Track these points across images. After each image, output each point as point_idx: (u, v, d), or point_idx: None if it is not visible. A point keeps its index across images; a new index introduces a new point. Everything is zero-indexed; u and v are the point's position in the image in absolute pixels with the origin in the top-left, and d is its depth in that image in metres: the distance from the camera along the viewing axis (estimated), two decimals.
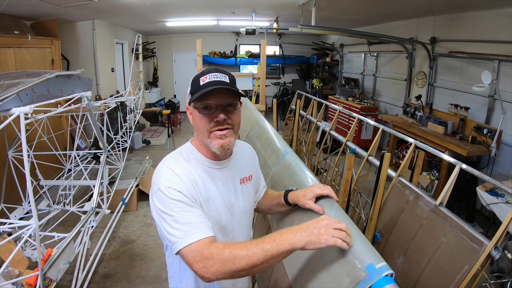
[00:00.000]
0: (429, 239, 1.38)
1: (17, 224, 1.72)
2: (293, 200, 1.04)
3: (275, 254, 0.75)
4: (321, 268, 0.85)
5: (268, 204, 1.16)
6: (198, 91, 0.89)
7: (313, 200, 0.99)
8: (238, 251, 0.76)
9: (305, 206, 0.99)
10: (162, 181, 0.87)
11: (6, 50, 3.55)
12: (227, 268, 0.76)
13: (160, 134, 6.93)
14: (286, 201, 1.06)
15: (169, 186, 0.86)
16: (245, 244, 0.78)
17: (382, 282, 0.69)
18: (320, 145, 3.20)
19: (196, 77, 0.93)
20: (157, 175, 0.91)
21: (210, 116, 0.91)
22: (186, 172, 0.92)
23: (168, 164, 0.93)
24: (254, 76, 4.13)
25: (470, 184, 3.24)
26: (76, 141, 3.35)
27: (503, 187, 1.34)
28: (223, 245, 0.79)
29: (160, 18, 6.18)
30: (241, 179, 1.05)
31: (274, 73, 8.89)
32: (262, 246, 0.76)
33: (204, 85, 0.89)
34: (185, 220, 0.83)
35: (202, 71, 0.95)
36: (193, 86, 0.93)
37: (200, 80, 0.91)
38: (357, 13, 4.94)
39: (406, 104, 4.76)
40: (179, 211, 0.84)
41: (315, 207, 0.96)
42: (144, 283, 2.51)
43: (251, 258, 0.75)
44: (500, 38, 3.41)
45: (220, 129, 0.91)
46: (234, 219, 1.02)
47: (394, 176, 1.75)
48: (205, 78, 0.90)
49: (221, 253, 0.77)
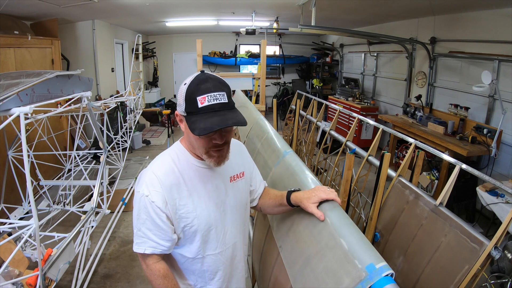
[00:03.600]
0: (429, 239, 1.38)
1: (17, 224, 1.72)
2: (296, 201, 1.02)
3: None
4: (321, 268, 0.85)
5: (271, 204, 1.15)
6: (197, 116, 0.86)
7: (316, 205, 0.97)
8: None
9: (307, 210, 0.98)
10: (142, 187, 0.95)
11: (6, 50, 3.55)
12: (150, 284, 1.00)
13: (160, 134, 6.93)
14: (288, 202, 1.05)
15: (146, 194, 0.93)
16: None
17: (382, 282, 0.69)
18: (320, 145, 3.21)
19: (192, 92, 0.87)
20: (142, 177, 0.97)
21: (208, 138, 0.91)
22: (171, 175, 0.96)
23: (153, 169, 0.97)
24: (254, 76, 4.13)
25: (470, 184, 3.24)
26: (76, 141, 3.35)
27: (503, 187, 1.34)
28: (163, 275, 0.98)
29: (160, 18, 6.18)
30: (231, 177, 1.07)
31: (274, 73, 8.89)
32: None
33: (204, 109, 0.85)
34: (144, 231, 0.96)
35: (196, 84, 0.88)
36: (188, 104, 0.87)
37: (198, 101, 0.85)
38: (357, 13, 4.94)
39: (406, 104, 4.76)
40: (145, 221, 0.95)
41: (317, 213, 0.95)
42: (144, 283, 2.51)
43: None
44: (500, 38, 3.41)
45: (218, 150, 0.93)
46: (226, 216, 1.05)
47: (394, 176, 1.76)
48: (203, 99, 0.85)
49: (154, 277, 0.98)
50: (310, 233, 1.00)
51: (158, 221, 0.94)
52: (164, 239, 0.96)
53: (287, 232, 1.16)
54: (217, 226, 1.03)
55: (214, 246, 1.04)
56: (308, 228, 1.03)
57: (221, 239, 1.05)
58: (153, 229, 0.95)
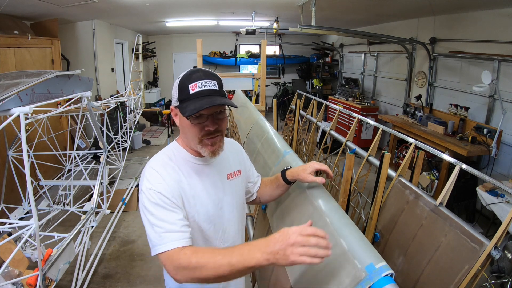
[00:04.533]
0: (429, 239, 1.38)
1: (17, 224, 1.72)
2: (292, 177, 1.08)
3: (241, 269, 0.75)
4: (321, 268, 0.85)
5: (268, 191, 1.19)
6: (189, 101, 0.89)
7: (313, 174, 1.03)
8: (205, 261, 0.78)
9: (306, 180, 1.03)
10: (144, 182, 0.91)
11: (6, 50, 3.55)
12: (195, 275, 0.79)
13: (160, 134, 6.93)
14: (285, 180, 1.09)
15: (149, 187, 0.89)
16: (213, 254, 0.80)
17: (382, 282, 0.69)
18: (320, 145, 3.20)
19: (184, 82, 0.90)
20: (142, 176, 0.94)
21: (201, 125, 0.92)
22: (170, 170, 0.94)
23: (151, 164, 0.95)
24: (254, 76, 4.13)
25: (470, 184, 3.24)
26: (76, 141, 3.35)
27: (503, 187, 1.34)
28: (192, 252, 0.82)
29: (160, 18, 6.18)
30: (228, 174, 1.07)
31: (274, 73, 8.89)
32: (230, 260, 0.76)
33: (195, 94, 0.88)
34: (162, 226, 0.86)
35: (188, 75, 0.91)
36: (181, 92, 0.91)
37: (190, 88, 0.89)
38: (357, 13, 4.94)
39: (406, 104, 4.76)
40: (157, 214, 0.87)
41: (316, 179, 1.01)
42: (144, 283, 2.51)
43: (217, 270, 0.77)
44: (500, 38, 3.41)
45: (211, 137, 0.93)
46: (224, 213, 1.04)
47: (394, 176, 1.76)
48: (195, 86, 0.88)
49: (188, 260, 0.80)
50: None
51: (172, 207, 0.89)
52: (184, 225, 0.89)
53: None
54: (216, 223, 1.02)
55: (214, 244, 1.03)
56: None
57: (220, 236, 1.04)
58: (171, 218, 0.87)
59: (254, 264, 0.74)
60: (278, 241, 0.72)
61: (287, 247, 0.70)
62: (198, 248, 0.86)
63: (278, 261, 0.71)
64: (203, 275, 0.78)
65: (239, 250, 0.77)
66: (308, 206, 1.08)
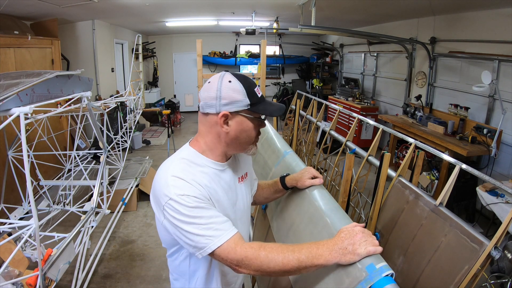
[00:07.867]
0: (429, 239, 1.38)
1: (17, 224, 1.72)
2: (291, 183, 1.16)
3: (308, 266, 0.78)
4: (321, 268, 0.85)
5: (265, 194, 1.23)
6: (259, 104, 0.94)
7: (311, 179, 1.13)
8: (274, 256, 0.80)
9: (305, 185, 1.13)
10: (171, 190, 0.85)
11: (6, 50, 3.54)
12: (262, 269, 0.81)
13: (160, 134, 6.93)
14: (284, 186, 1.17)
15: (181, 193, 0.84)
16: (281, 249, 0.81)
17: (382, 282, 0.69)
18: (320, 145, 3.20)
19: (250, 86, 0.93)
20: (162, 185, 0.87)
21: (260, 126, 0.98)
22: (193, 177, 0.89)
23: (172, 172, 0.88)
24: (254, 76, 4.12)
25: (470, 184, 3.24)
26: (76, 141, 3.34)
27: (503, 187, 1.34)
28: (259, 246, 0.83)
29: (160, 18, 6.18)
30: (239, 178, 1.07)
31: (274, 73, 8.88)
32: (298, 256, 0.78)
33: (261, 98, 0.95)
34: (208, 223, 0.84)
35: (244, 79, 0.93)
36: (251, 96, 0.92)
37: (256, 92, 0.94)
38: (357, 13, 4.94)
39: (406, 104, 4.77)
40: (200, 216, 0.84)
41: (314, 181, 1.12)
42: (144, 283, 2.51)
43: (285, 265, 0.79)
44: (500, 38, 3.41)
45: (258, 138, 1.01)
46: (237, 217, 1.04)
47: (394, 176, 1.75)
48: (257, 91, 0.94)
49: (256, 254, 0.81)
50: (311, 234, 1.00)
51: (210, 206, 0.87)
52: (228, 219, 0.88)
53: (287, 232, 1.16)
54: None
55: None
56: (309, 228, 1.03)
57: None
58: (213, 214, 0.85)
59: (322, 262, 0.77)
60: (345, 238, 0.79)
61: (356, 241, 0.77)
62: (264, 243, 0.86)
63: (345, 257, 0.76)
64: (270, 269, 0.80)
65: (307, 248, 0.80)
66: (309, 206, 1.08)
